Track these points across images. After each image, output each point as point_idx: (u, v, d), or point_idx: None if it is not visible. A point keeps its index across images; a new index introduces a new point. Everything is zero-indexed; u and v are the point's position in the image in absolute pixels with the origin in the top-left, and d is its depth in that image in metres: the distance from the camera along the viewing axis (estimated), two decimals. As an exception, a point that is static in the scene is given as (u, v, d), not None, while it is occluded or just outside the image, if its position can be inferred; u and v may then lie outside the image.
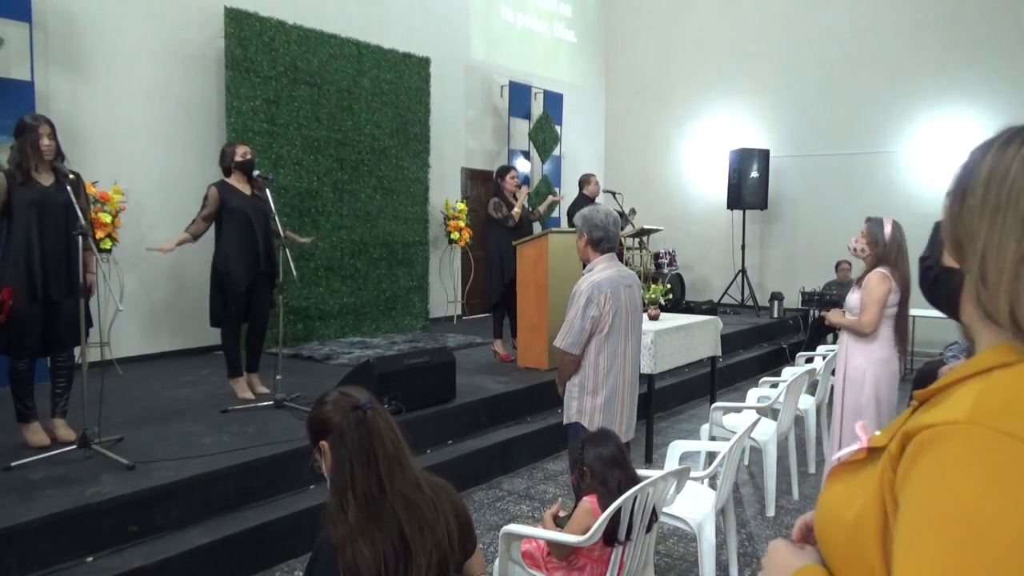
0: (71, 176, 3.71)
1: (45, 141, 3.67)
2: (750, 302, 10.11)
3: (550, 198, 7.33)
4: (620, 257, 3.56)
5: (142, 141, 6.19)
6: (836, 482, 0.89)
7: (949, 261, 0.88)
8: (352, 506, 1.58)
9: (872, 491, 0.79)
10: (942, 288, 0.78)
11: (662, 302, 6.18)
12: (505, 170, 6.46)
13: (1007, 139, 0.82)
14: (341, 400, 1.74)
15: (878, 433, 0.86)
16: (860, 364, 3.75)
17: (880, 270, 3.67)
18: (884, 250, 3.69)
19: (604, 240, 3.37)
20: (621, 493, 2.43)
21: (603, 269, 3.34)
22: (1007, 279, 0.76)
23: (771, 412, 4.55)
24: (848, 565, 0.82)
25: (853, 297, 3.83)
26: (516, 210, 6.23)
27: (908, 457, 0.74)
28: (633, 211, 8.62)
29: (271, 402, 4.65)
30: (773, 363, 8.18)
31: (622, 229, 8.26)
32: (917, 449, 0.73)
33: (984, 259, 0.79)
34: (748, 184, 9.97)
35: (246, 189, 4.79)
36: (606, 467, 2.57)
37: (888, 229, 3.69)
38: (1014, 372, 0.74)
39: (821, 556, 0.90)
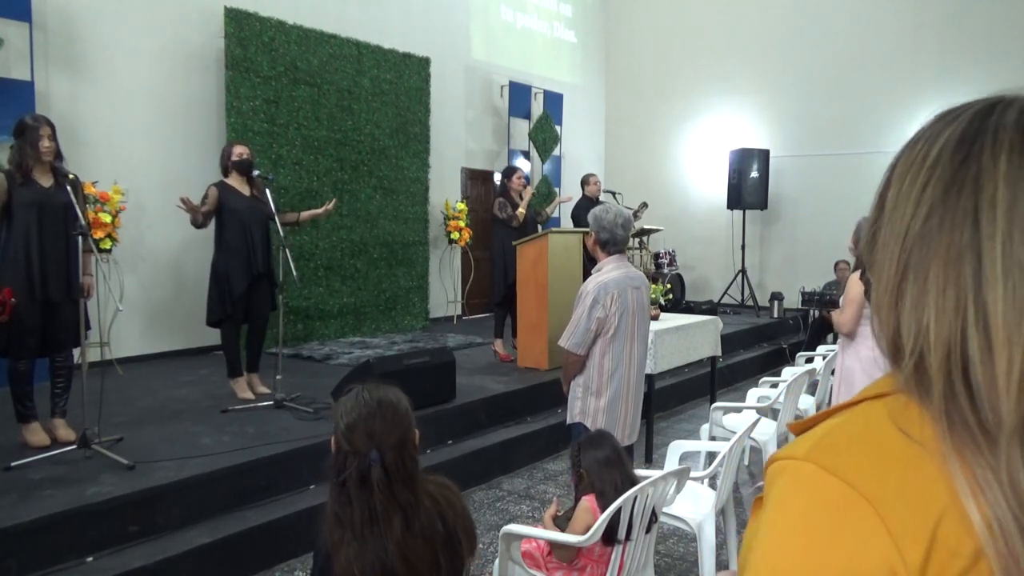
0: (71, 176, 3.71)
1: (45, 142, 3.67)
2: (750, 302, 10.11)
3: (558, 199, 7.32)
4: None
5: (142, 141, 6.19)
6: (752, 517, 0.84)
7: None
8: (352, 512, 1.56)
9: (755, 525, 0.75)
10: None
11: (662, 302, 6.19)
12: (512, 170, 6.47)
13: (921, 130, 0.69)
14: (359, 427, 1.56)
15: None
16: (851, 365, 3.75)
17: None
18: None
19: (610, 242, 3.36)
20: (618, 494, 2.43)
21: (611, 270, 3.33)
22: (891, 295, 0.66)
23: (771, 412, 4.55)
24: None
25: (843, 297, 3.85)
26: (520, 210, 6.23)
27: (766, 488, 0.70)
28: (644, 205, 8.58)
29: (271, 402, 4.65)
30: (773, 363, 8.17)
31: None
32: (768, 481, 0.69)
33: (880, 270, 0.69)
34: (748, 184, 9.97)
35: (245, 190, 4.79)
36: (602, 469, 2.57)
37: None
38: (875, 406, 0.66)
39: None
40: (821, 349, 6.63)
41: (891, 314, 0.67)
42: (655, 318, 5.74)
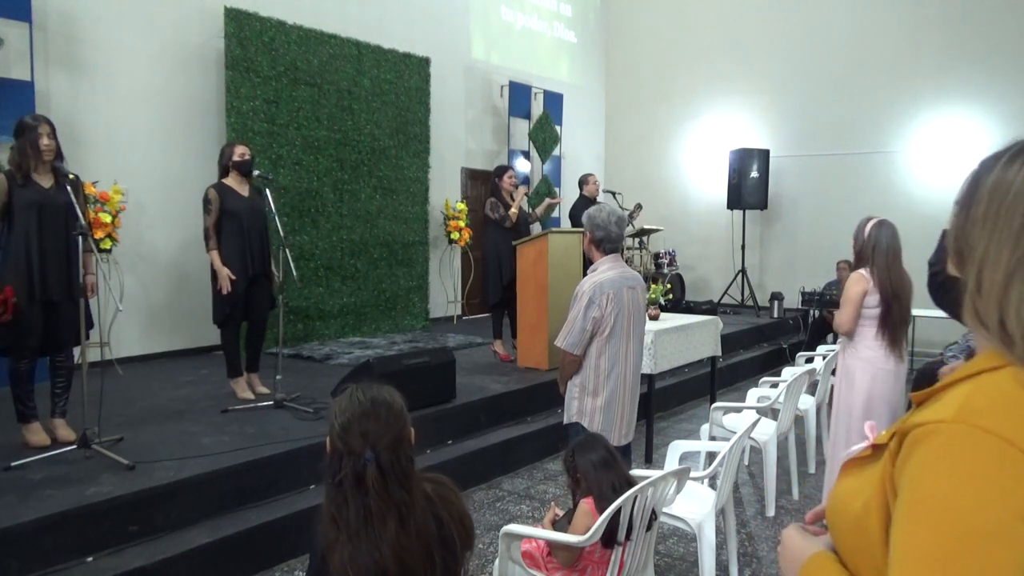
0: (71, 177, 3.71)
1: (45, 141, 3.67)
2: (750, 302, 10.11)
3: (547, 200, 7.31)
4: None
5: (142, 141, 6.19)
6: (846, 477, 0.96)
7: (952, 270, 0.93)
8: (348, 513, 1.55)
9: (876, 484, 0.86)
10: (946, 294, 0.91)
11: (662, 302, 6.18)
12: (503, 169, 6.44)
13: (1014, 153, 0.85)
14: (353, 427, 1.56)
15: (883, 432, 0.93)
16: (850, 364, 3.75)
17: (860, 271, 3.65)
18: (860, 249, 3.66)
19: (605, 240, 3.36)
20: (616, 494, 2.43)
21: (607, 270, 3.33)
22: (998, 290, 0.82)
23: (771, 412, 4.55)
24: (855, 553, 0.90)
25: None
26: (513, 211, 6.21)
27: (904, 452, 0.82)
28: (639, 206, 8.57)
29: (271, 402, 4.65)
30: (773, 363, 8.18)
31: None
32: (911, 444, 0.81)
33: (980, 270, 0.84)
34: (748, 184, 9.97)
35: (243, 190, 4.79)
36: (597, 471, 2.57)
37: (867, 228, 3.64)
38: (999, 376, 0.82)
39: (832, 542, 0.97)
40: (821, 349, 6.63)
41: (995, 309, 0.83)
42: (655, 318, 5.75)
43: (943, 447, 0.78)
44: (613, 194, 9.17)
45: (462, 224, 8.96)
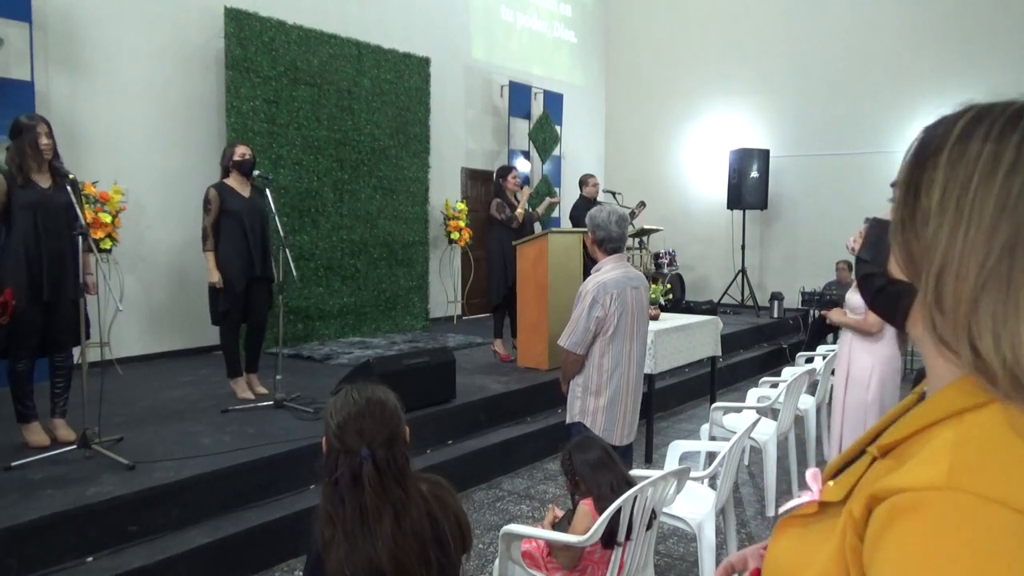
0: (70, 177, 3.71)
1: (43, 140, 3.66)
2: (750, 302, 10.11)
3: (547, 200, 7.31)
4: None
5: (142, 141, 6.19)
6: (783, 537, 0.77)
7: (897, 271, 0.74)
8: (344, 511, 1.55)
9: (832, 557, 0.67)
10: (889, 301, 0.63)
11: (662, 302, 6.18)
12: (507, 170, 6.44)
13: (970, 121, 0.66)
14: (349, 426, 1.58)
15: (832, 484, 0.74)
16: (866, 364, 3.71)
17: None
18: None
19: (606, 240, 3.36)
20: (615, 494, 2.43)
21: (610, 270, 3.34)
22: (965, 305, 0.62)
23: (771, 412, 4.55)
24: None
25: (855, 297, 3.77)
26: (519, 211, 6.22)
27: (878, 525, 0.62)
28: (642, 204, 8.56)
29: (271, 402, 4.65)
30: (773, 363, 8.17)
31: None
32: (889, 517, 0.61)
33: (940, 278, 0.64)
34: (748, 184, 9.97)
35: (244, 191, 4.78)
36: (595, 472, 2.57)
37: None
38: (988, 416, 0.62)
39: None
40: (821, 349, 6.62)
41: (964, 330, 0.63)
42: (655, 318, 5.74)
43: (936, 525, 0.57)
44: (613, 194, 9.17)
45: (462, 224, 8.96)
